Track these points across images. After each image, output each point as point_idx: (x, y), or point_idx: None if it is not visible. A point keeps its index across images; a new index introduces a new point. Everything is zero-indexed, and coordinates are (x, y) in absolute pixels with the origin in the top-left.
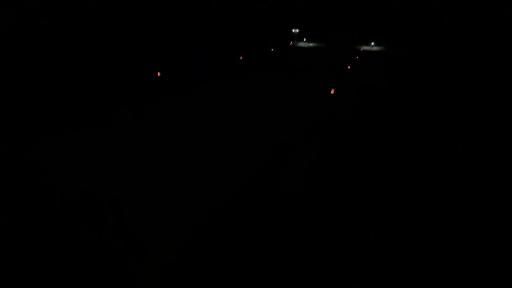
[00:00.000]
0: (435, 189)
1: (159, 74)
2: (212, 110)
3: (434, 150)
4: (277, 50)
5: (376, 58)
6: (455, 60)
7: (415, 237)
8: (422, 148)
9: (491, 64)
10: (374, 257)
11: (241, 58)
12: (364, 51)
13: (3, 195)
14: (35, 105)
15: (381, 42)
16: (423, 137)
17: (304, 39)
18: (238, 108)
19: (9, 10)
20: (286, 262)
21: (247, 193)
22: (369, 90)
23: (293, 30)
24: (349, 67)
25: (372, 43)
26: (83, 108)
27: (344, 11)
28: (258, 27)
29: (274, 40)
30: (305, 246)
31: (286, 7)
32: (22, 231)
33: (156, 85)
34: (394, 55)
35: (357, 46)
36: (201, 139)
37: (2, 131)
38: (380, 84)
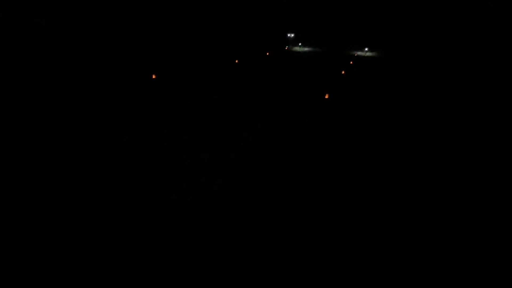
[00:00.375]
0: (435, 189)
1: (154, 76)
2: (211, 111)
3: (434, 150)
4: (273, 54)
5: (370, 63)
6: (455, 61)
7: (415, 237)
8: (422, 148)
9: (491, 64)
10: (373, 257)
11: (236, 61)
12: (358, 56)
13: (3, 195)
14: (35, 106)
15: (375, 48)
16: (423, 138)
17: (300, 44)
18: (236, 110)
19: (9, 10)
20: (286, 262)
21: (247, 193)
22: (363, 94)
23: (289, 35)
24: (343, 72)
25: (366, 49)
26: (83, 108)
27: (339, 17)
28: (254, 32)
29: (270, 45)
30: (304, 247)
31: (282, 13)
32: (22, 231)
33: (155, 85)
34: (388, 59)
35: (351, 51)
36: (201, 139)
37: (2, 131)
38: (375, 87)
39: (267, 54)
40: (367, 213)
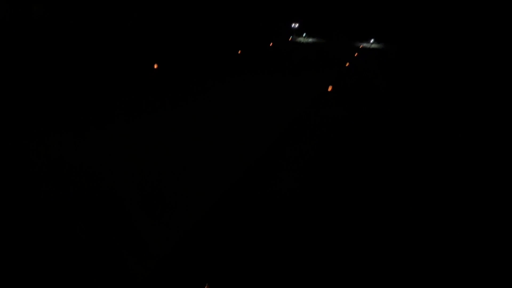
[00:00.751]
0: (435, 189)
1: (155, 66)
2: (209, 106)
3: (434, 150)
4: (277, 45)
5: (375, 56)
6: (462, 56)
7: (415, 237)
8: (422, 147)
9: (491, 64)
10: (373, 257)
11: (239, 52)
12: (363, 48)
13: (1, 195)
14: (32, 103)
15: (381, 40)
16: (423, 137)
17: (304, 34)
18: (234, 104)
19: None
20: (285, 262)
21: (243, 191)
22: (367, 88)
23: (293, 25)
24: (347, 64)
25: (372, 40)
26: (81, 105)
27: (345, 8)
28: (257, 22)
29: (273, 35)
30: (304, 246)
31: (286, 3)
32: (20, 231)
33: (154, 79)
34: (393, 53)
35: (357, 42)
36: (200, 137)
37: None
38: (379, 81)
39: (271, 44)
40: (368, 211)
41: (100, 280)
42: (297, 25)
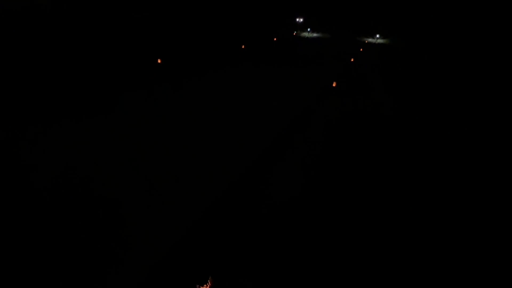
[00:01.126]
0: (435, 189)
1: (159, 61)
2: (211, 103)
3: (434, 150)
4: (281, 40)
5: (380, 51)
6: (457, 59)
7: (415, 237)
8: (423, 147)
9: (491, 64)
10: (374, 256)
11: (243, 47)
12: (369, 43)
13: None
14: (35, 96)
15: (387, 35)
16: (424, 136)
17: (308, 29)
18: (236, 101)
19: None
20: (284, 262)
21: (242, 190)
22: (370, 84)
23: (297, 20)
24: (352, 60)
25: (377, 36)
26: (79, 104)
27: (350, 2)
28: (261, 17)
29: (277, 30)
30: (303, 246)
31: None
32: (17, 229)
33: (158, 73)
34: (399, 49)
35: (362, 38)
36: (200, 135)
37: (2, 122)
38: (381, 77)
39: (275, 39)
40: (369, 211)
41: (100, 279)
42: (301, 19)
